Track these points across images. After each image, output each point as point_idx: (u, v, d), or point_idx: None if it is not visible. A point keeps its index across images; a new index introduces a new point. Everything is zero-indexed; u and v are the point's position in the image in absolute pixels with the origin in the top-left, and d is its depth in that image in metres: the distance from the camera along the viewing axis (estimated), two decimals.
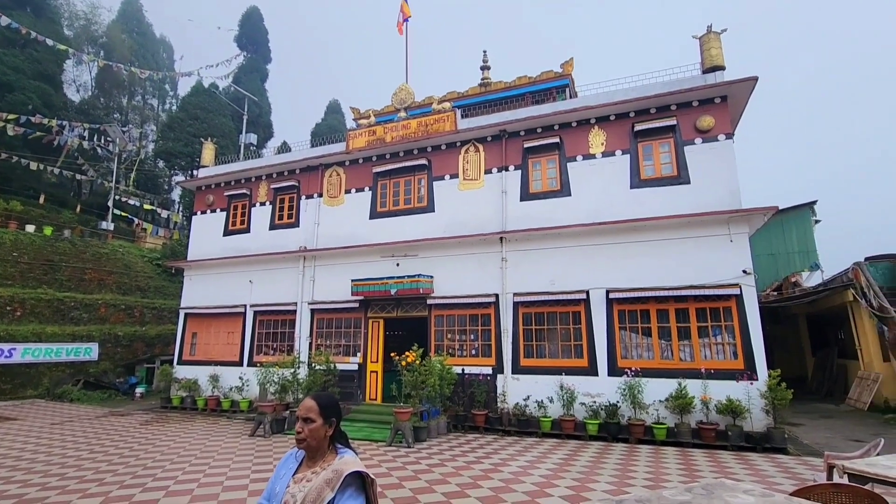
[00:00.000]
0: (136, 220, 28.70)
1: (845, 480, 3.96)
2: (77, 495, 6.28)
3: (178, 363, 15.82)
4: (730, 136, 10.75)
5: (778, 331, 17.55)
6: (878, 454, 4.88)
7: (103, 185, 30.03)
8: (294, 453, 2.24)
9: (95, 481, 6.93)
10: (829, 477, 4.77)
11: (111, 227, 26.82)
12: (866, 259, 13.62)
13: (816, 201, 18.78)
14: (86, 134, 28.12)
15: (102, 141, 29.45)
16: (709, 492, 3.28)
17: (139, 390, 17.11)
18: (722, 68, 10.92)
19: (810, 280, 17.80)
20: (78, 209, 28.84)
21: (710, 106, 10.94)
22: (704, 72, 11.10)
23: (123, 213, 27.67)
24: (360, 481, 2.03)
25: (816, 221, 18.92)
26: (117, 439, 10.07)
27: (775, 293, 17.12)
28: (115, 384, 17.67)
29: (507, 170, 12.58)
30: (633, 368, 10.17)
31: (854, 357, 13.90)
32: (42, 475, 7.25)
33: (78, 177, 28.97)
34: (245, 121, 27.53)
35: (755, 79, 10.40)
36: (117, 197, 27.83)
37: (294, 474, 2.12)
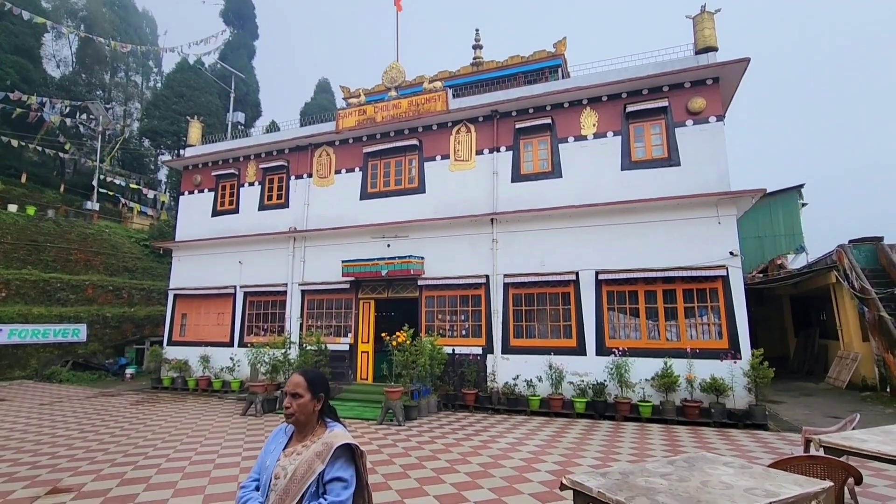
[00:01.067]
0: (121, 200, 28.20)
1: (821, 453, 4.10)
2: (68, 473, 6.31)
3: (167, 344, 15.77)
4: (721, 118, 10.76)
5: (762, 312, 17.90)
6: (853, 429, 5.05)
7: (87, 164, 29.41)
8: (284, 428, 2.27)
9: (86, 459, 6.96)
10: (807, 451, 4.93)
11: (96, 207, 26.37)
12: (850, 241, 13.86)
13: (804, 185, 18.97)
14: (67, 111, 27.40)
15: (85, 118, 28.71)
16: (690, 464, 3.38)
17: (129, 371, 17.08)
18: (715, 49, 10.87)
19: (795, 262, 18.12)
20: (62, 189, 28.28)
21: (701, 87, 10.91)
22: (697, 53, 11.04)
23: (109, 193, 27.16)
24: (349, 453, 2.06)
25: (803, 205, 19.15)
26: (108, 419, 10.09)
27: (761, 275, 17.41)
28: (104, 365, 17.62)
29: (498, 151, 12.51)
30: (621, 348, 10.34)
31: (835, 337, 14.26)
32: (32, 454, 7.26)
33: (61, 155, 28.32)
34: (232, 99, 26.95)
35: (747, 60, 10.37)
36: (102, 176, 27.27)
37: (284, 448, 2.15)
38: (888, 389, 11.31)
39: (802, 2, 76.19)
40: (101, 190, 26.83)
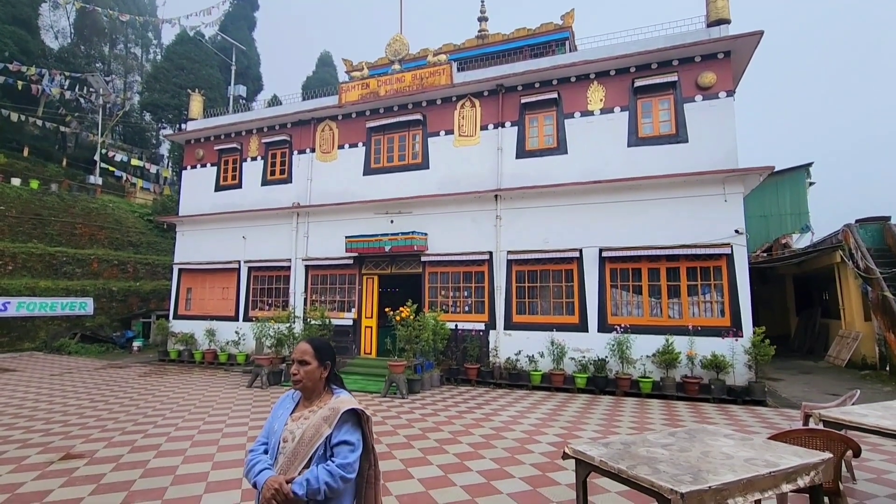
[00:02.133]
0: (124, 176, 28.12)
1: (821, 427, 4.14)
2: (80, 440, 6.47)
3: (173, 318, 15.95)
4: (731, 93, 10.54)
5: (765, 291, 17.90)
6: (853, 405, 5.10)
7: (89, 138, 29.22)
8: (291, 394, 2.30)
9: (98, 427, 7.12)
10: (806, 425, 4.99)
11: (99, 181, 26.31)
12: (857, 221, 13.75)
13: (812, 163, 18.73)
14: (67, 84, 27.06)
15: (85, 91, 28.38)
16: (691, 436, 3.43)
17: (136, 344, 17.33)
18: (727, 22, 10.58)
19: (800, 242, 18.01)
20: (64, 163, 28.19)
21: (712, 61, 10.66)
22: (709, 25, 10.76)
23: (111, 168, 27.04)
24: (355, 418, 2.09)
25: (811, 184, 18.93)
26: (117, 389, 10.29)
27: (765, 254, 17.34)
28: (111, 338, 17.87)
29: (503, 126, 12.35)
30: (623, 325, 10.39)
31: (837, 317, 14.28)
32: (44, 422, 7.44)
33: (62, 129, 28.12)
34: (233, 72, 26.56)
35: (760, 33, 10.10)
36: (104, 151, 27.12)
37: (291, 413, 2.18)
38: (888, 368, 11.38)
39: None
40: (102, 165, 26.70)
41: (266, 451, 2.15)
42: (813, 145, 62.10)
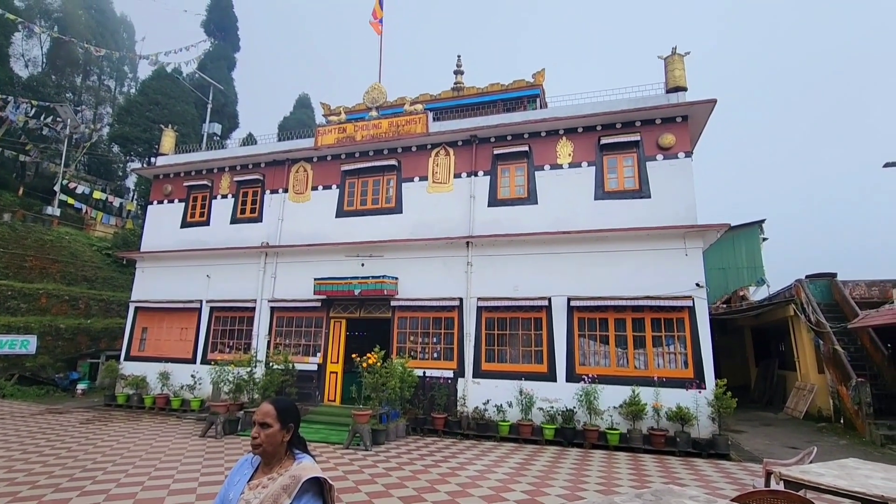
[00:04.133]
0: (83, 208, 27.11)
1: (781, 486, 4.20)
2: (7, 499, 5.87)
3: (125, 359, 15.06)
4: (689, 154, 11.23)
5: (725, 341, 18.44)
6: (811, 461, 5.21)
7: (50, 167, 28.25)
8: (249, 459, 2.18)
9: (27, 484, 6.49)
10: (767, 483, 5.05)
11: (57, 212, 25.24)
12: (806, 277, 14.53)
13: (765, 220, 19.91)
14: (32, 112, 26.39)
15: (51, 121, 27.71)
16: (657, 498, 3.41)
17: (81, 387, 16.16)
18: (684, 89, 11.41)
19: (757, 294, 18.83)
20: (20, 192, 27.02)
21: (672, 124, 11.40)
22: (668, 91, 11.56)
23: (69, 202, 26.03)
24: (318, 487, 1.99)
25: (764, 239, 20.03)
26: (54, 439, 9.48)
27: (724, 305, 18.00)
28: (54, 379, 16.61)
29: (476, 175, 12.69)
30: (591, 375, 10.44)
31: (793, 368, 14.79)
32: None
33: (21, 157, 27.16)
34: (209, 109, 26.55)
35: (714, 101, 10.93)
36: (65, 182, 26.22)
37: (249, 480, 2.06)
38: (842, 421, 11.75)
39: (768, 43, 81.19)
40: (62, 197, 25.72)
41: None
42: (766, 203, 66.24)
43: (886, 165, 12.80)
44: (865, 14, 72.04)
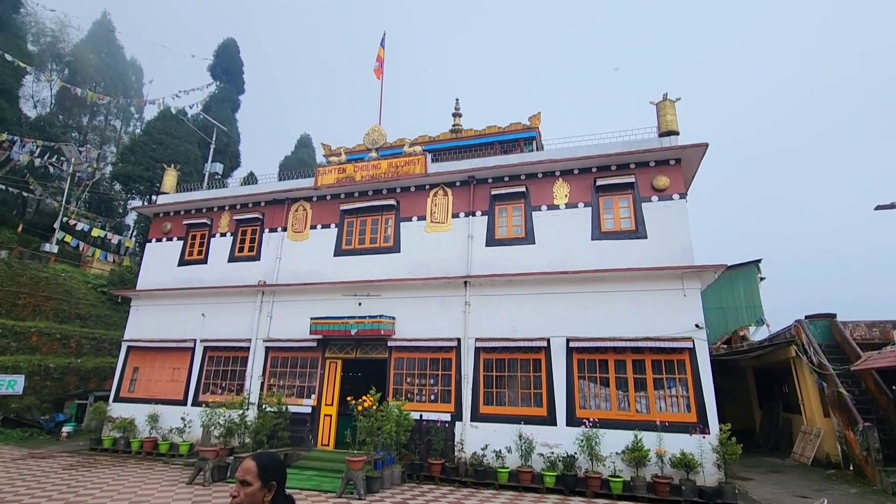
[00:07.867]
0: (81, 245, 27.11)
1: None
2: None
3: (114, 400, 14.65)
4: (683, 195, 11.40)
5: (727, 383, 18.11)
6: None
7: (52, 204, 28.45)
8: None
9: None
10: None
11: (55, 249, 25.22)
12: (806, 317, 14.44)
13: (761, 259, 19.95)
14: (38, 151, 26.84)
15: (55, 159, 28.13)
16: None
17: (66, 429, 15.62)
18: (676, 133, 11.70)
19: (757, 334, 18.65)
20: (20, 228, 27.09)
21: (665, 167, 11.63)
22: (660, 135, 11.86)
23: (66, 240, 26.03)
24: None
25: (762, 279, 20.02)
26: (34, 486, 9.08)
27: (725, 346, 17.78)
28: (38, 421, 16.10)
29: (473, 215, 12.81)
30: (591, 419, 10.17)
31: (798, 411, 14.45)
32: None
33: (24, 194, 27.39)
34: (212, 150, 27.07)
35: (706, 145, 11.20)
36: (65, 219, 26.34)
37: None
38: (851, 468, 11.38)
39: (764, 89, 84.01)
40: (60, 234, 25.76)
41: None
42: (763, 244, 66.69)
43: (878, 208, 12.99)
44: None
